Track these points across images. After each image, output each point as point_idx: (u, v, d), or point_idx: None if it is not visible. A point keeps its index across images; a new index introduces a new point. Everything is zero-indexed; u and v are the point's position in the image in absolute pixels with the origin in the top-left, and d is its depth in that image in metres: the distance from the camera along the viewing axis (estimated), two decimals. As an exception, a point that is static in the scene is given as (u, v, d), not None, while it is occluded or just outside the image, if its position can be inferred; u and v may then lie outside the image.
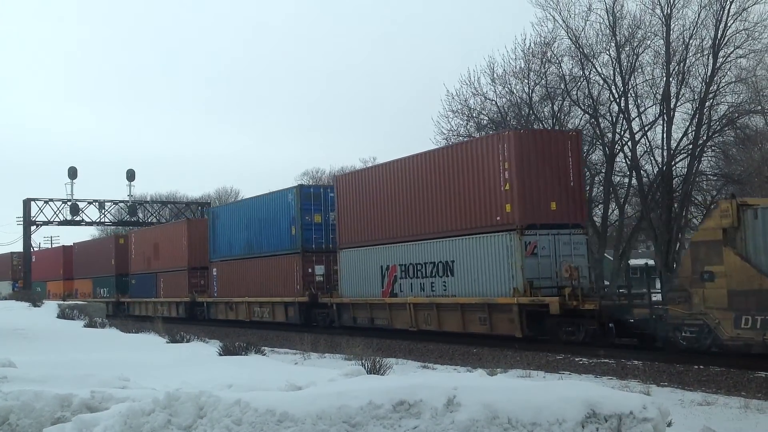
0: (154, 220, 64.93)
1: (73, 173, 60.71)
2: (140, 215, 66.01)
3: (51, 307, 42.77)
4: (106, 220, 65.25)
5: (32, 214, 61.09)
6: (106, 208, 63.19)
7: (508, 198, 21.73)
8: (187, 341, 22.23)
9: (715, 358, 16.65)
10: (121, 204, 64.11)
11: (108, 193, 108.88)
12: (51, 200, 61.02)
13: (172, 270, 43.70)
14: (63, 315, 36.24)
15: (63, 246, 67.41)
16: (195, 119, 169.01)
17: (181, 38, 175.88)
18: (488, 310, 22.17)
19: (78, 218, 61.62)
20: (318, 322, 31.63)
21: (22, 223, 62.95)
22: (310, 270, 31.71)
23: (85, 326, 29.59)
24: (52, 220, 61.49)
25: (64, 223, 61.92)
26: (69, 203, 60.69)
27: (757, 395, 13.46)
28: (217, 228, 39.34)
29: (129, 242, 51.24)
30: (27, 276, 65.11)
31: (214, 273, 39.06)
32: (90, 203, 62.00)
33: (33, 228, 62.30)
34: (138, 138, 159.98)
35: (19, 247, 68.12)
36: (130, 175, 62.85)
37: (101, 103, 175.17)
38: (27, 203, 61.12)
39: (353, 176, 30.99)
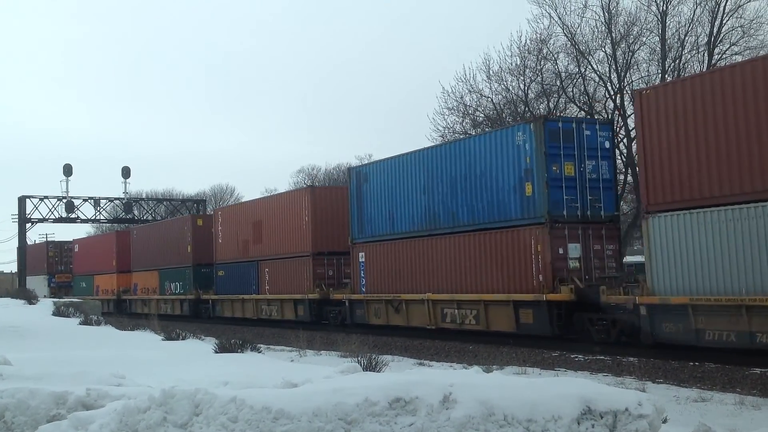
0: (150, 218, 64.85)
1: (68, 170, 60.66)
2: (136, 212, 65.91)
3: (46, 304, 42.68)
4: (102, 217, 65.17)
5: (27, 212, 61.02)
6: (102, 205, 63.12)
7: None
8: (183, 338, 22.19)
9: (711, 355, 16.67)
10: (117, 201, 64.03)
11: (103, 191, 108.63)
12: (46, 197, 60.95)
13: (286, 256, 33.19)
14: (58, 312, 36.15)
15: (117, 232, 55.83)
16: (191, 116, 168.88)
17: (176, 35, 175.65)
18: None
19: (73, 216, 61.57)
20: (594, 334, 20.24)
21: (17, 220, 62.85)
22: (560, 251, 20.94)
23: (80, 324, 29.52)
24: (47, 217, 61.44)
25: (60, 220, 61.90)
26: (64, 200, 60.64)
27: (752, 392, 13.49)
28: (365, 195, 28.33)
29: (214, 222, 39.82)
30: (22, 273, 64.95)
31: (361, 259, 28.22)
32: (85, 200, 61.93)
33: (28, 225, 62.22)
34: (133, 135, 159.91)
35: (16, 246, 67.28)
36: (126, 173, 62.79)
37: (96, 100, 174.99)
38: (22, 201, 61.03)
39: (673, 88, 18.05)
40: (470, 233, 23.14)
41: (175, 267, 43.21)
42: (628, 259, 38.54)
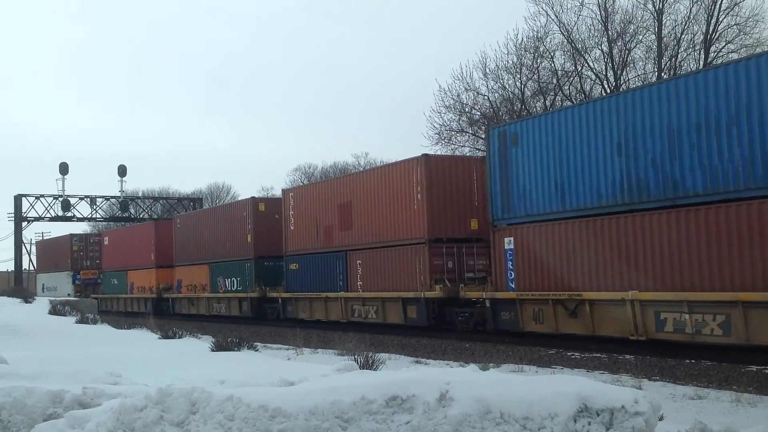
0: (146, 216, 64.80)
1: (64, 169, 60.70)
2: (132, 211, 65.89)
3: (43, 303, 42.63)
4: (98, 216, 65.20)
5: (24, 210, 61.00)
6: (98, 204, 63.15)
7: None
8: (180, 337, 22.20)
9: (707, 353, 16.70)
10: (113, 200, 64.03)
11: (99, 189, 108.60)
12: (42, 196, 60.98)
13: (388, 245, 26.14)
14: (54, 311, 36.13)
15: (155, 221, 49.56)
16: (187, 115, 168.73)
17: (173, 35, 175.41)
18: None
19: (69, 214, 61.62)
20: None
21: (13, 219, 62.81)
22: None
23: (76, 322, 29.52)
24: (43, 216, 61.43)
25: (56, 219, 61.96)
26: (60, 199, 60.68)
27: (749, 389, 13.51)
28: (514, 161, 21.11)
29: (283, 206, 32.70)
30: (18, 270, 64.92)
31: (508, 246, 21.18)
32: (81, 199, 61.98)
33: (24, 224, 62.21)
34: (130, 134, 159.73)
35: (10, 243, 66.99)
36: (122, 171, 62.84)
37: (93, 99, 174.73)
38: (18, 199, 61.02)
39: None
40: (707, 206, 16.24)
41: (231, 260, 36.08)
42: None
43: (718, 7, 35.14)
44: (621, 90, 22.91)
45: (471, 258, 24.84)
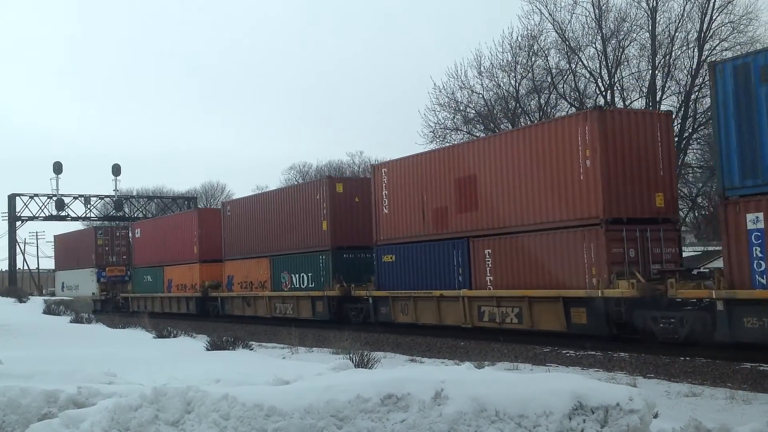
0: (141, 215, 64.68)
1: (58, 168, 60.60)
2: (126, 210, 65.77)
3: (37, 302, 42.57)
4: (92, 215, 65.06)
5: (18, 210, 60.87)
6: (92, 203, 63.02)
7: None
8: (174, 336, 22.17)
9: (702, 350, 16.73)
10: (107, 199, 63.91)
11: (93, 189, 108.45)
12: (36, 195, 60.88)
13: (539, 227, 20.30)
14: (49, 311, 36.09)
15: (198, 209, 44.27)
16: (181, 114, 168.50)
17: (167, 33, 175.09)
18: None
19: (63, 213, 61.51)
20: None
21: (7, 218, 62.69)
22: None
23: (71, 322, 29.49)
24: (37, 215, 61.32)
25: (50, 218, 61.87)
26: (54, 198, 60.57)
27: (743, 386, 13.54)
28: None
29: (375, 185, 26.64)
30: (13, 270, 64.76)
31: (755, 225, 15.14)
32: (75, 198, 61.87)
33: (18, 223, 62.08)
34: (124, 133, 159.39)
35: (5, 241, 66.51)
36: (116, 170, 62.74)
37: (87, 98, 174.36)
38: (12, 199, 60.90)
39: None
40: None
41: (299, 252, 30.56)
42: None
43: (711, 4, 35.19)
44: None
45: (656, 244, 19.17)
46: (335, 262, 28.50)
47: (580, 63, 38.12)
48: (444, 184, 23.54)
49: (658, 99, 36.43)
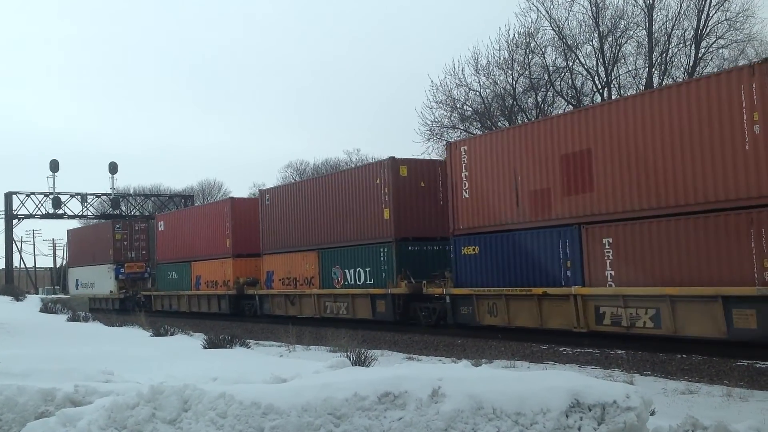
0: (138, 214, 64.61)
1: (54, 166, 60.57)
2: (123, 208, 65.72)
3: (34, 301, 42.55)
4: (89, 213, 65.04)
5: (14, 208, 60.81)
6: (89, 201, 63.01)
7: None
8: (172, 334, 22.17)
9: (698, 348, 16.75)
10: (104, 197, 63.84)
11: (90, 187, 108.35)
12: (33, 193, 60.82)
13: (681, 210, 16.61)
14: (46, 309, 36.09)
15: (232, 198, 38.99)
16: (178, 112, 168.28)
17: (164, 31, 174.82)
18: None
19: (60, 212, 61.47)
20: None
21: (3, 217, 62.66)
22: None
23: (68, 320, 29.47)
24: (33, 213, 61.26)
25: (47, 216, 61.82)
26: (51, 196, 60.52)
27: (740, 383, 13.55)
28: None
29: (451, 165, 22.99)
30: (9, 268, 64.69)
31: None
32: (72, 196, 61.85)
33: (15, 222, 62.02)
34: (120, 131, 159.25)
35: (2, 239, 66.65)
36: (113, 168, 62.73)
37: (83, 96, 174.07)
38: (8, 197, 60.85)
39: None
40: None
41: (355, 244, 27.24)
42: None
43: (708, 2, 35.26)
44: None
45: None
46: (399, 255, 25.11)
47: (577, 60, 38.20)
48: (545, 162, 19.85)
49: (654, 96, 36.46)
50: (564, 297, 19.24)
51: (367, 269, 26.47)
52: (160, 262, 42.91)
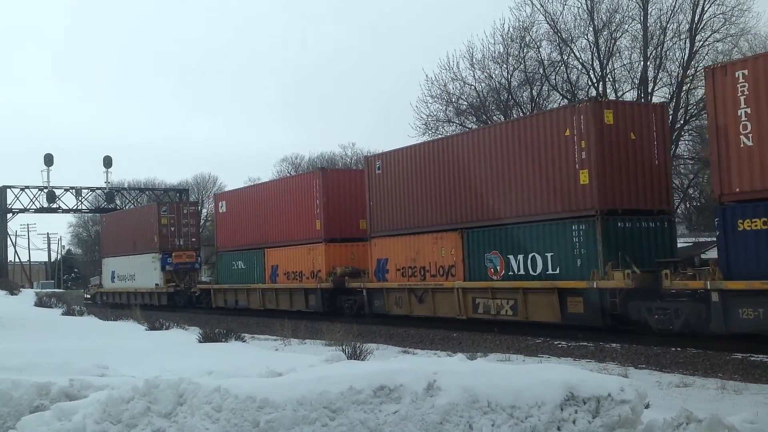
0: (132, 207, 64.50)
1: (49, 160, 60.43)
2: (118, 202, 65.60)
3: (29, 295, 42.47)
4: (83, 207, 64.89)
5: (8, 202, 60.66)
6: (83, 195, 62.86)
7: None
8: (167, 328, 22.14)
9: (693, 341, 16.81)
10: (98, 191, 63.73)
11: (84, 181, 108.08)
12: (27, 187, 60.64)
13: None
14: (40, 303, 36.02)
15: (323, 169, 31.96)
16: (172, 106, 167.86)
17: (159, 25, 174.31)
18: None
19: (54, 206, 61.34)
20: None
21: (-2, 210, 62.50)
22: None
23: (63, 314, 29.41)
24: (28, 207, 61.12)
25: (41, 210, 61.70)
26: (45, 190, 60.37)
27: (734, 376, 13.60)
28: None
29: (719, 95, 15.55)
30: (4, 262, 64.52)
31: None
32: (66, 190, 61.70)
33: (9, 216, 61.86)
34: (115, 125, 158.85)
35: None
36: (107, 162, 62.63)
37: (77, 90, 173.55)
38: (3, 190, 60.69)
39: None
40: None
41: (525, 221, 20.71)
42: None
43: (703, -4, 35.23)
44: None
45: None
46: (606, 234, 18.56)
47: (572, 54, 38.19)
48: None
49: (649, 90, 36.52)
50: None
51: (549, 254, 19.91)
52: (222, 249, 35.96)
